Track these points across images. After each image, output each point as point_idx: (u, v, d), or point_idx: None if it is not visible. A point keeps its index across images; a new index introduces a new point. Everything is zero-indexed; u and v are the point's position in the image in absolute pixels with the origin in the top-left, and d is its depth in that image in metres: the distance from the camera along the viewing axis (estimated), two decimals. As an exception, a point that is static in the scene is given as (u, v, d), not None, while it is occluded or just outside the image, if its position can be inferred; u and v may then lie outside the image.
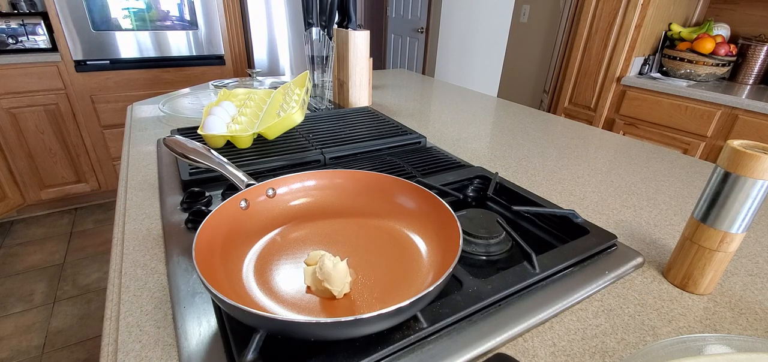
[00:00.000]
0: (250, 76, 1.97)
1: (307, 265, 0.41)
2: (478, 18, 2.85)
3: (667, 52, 1.98)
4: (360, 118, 0.99)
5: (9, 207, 2.08)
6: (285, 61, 2.59)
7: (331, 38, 1.18)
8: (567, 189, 0.72)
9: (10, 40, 1.96)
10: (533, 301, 0.42)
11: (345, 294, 0.39)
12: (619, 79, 2.00)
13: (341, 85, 1.19)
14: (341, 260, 0.39)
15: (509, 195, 0.63)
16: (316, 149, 0.76)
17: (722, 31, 1.97)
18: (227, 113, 0.82)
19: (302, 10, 1.16)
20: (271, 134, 0.78)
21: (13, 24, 1.95)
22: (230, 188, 0.61)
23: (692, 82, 1.88)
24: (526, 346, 0.39)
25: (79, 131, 2.18)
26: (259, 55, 2.50)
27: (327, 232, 0.48)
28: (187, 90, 1.32)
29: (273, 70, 2.57)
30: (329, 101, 1.24)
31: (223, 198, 0.59)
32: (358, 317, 0.29)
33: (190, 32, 2.25)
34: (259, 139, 0.80)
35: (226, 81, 1.34)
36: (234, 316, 0.33)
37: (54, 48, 2.02)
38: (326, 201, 0.52)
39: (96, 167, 2.30)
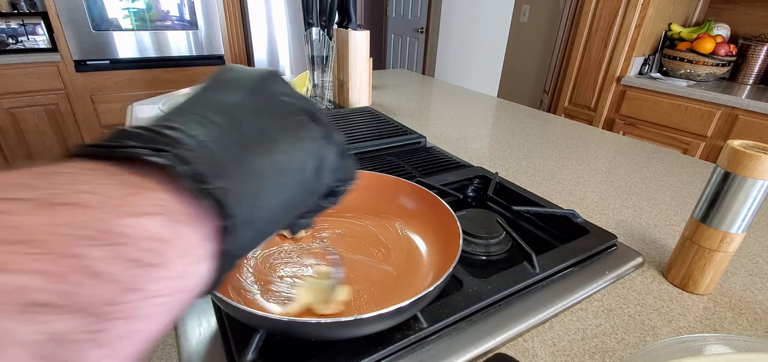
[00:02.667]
0: (250, 76, 1.97)
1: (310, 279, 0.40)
2: (478, 18, 2.85)
3: (667, 52, 1.98)
4: (360, 118, 0.99)
5: (9, 207, 2.09)
6: (285, 61, 2.59)
7: (331, 38, 1.18)
8: (567, 189, 0.72)
9: (10, 40, 1.96)
10: (533, 301, 0.42)
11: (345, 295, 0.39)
12: (619, 79, 2.00)
13: (341, 85, 1.19)
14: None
15: (509, 195, 0.63)
16: (316, 149, 0.76)
17: (722, 31, 1.97)
18: (227, 113, 0.81)
19: (302, 10, 1.16)
20: (271, 134, 0.78)
21: (13, 24, 1.95)
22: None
23: (692, 82, 1.88)
24: (526, 346, 0.39)
25: (79, 131, 2.18)
26: (259, 55, 2.50)
27: (327, 232, 0.48)
28: (187, 90, 1.32)
29: (273, 70, 2.57)
30: (329, 101, 1.24)
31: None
32: (358, 317, 0.29)
33: (190, 32, 2.25)
34: (259, 139, 0.80)
35: (226, 81, 1.34)
36: (234, 316, 0.33)
37: (54, 48, 2.02)
38: (326, 201, 0.52)
39: (96, 167, 2.30)
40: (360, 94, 1.17)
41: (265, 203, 0.17)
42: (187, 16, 2.21)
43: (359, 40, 1.10)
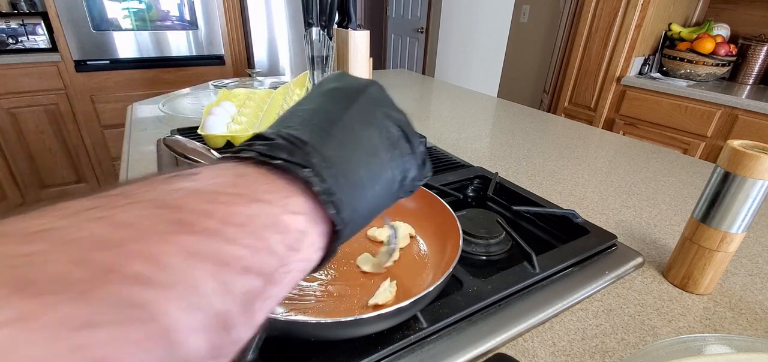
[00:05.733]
0: (250, 76, 1.97)
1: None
2: (478, 18, 2.85)
3: (667, 52, 1.98)
4: (360, 118, 0.99)
5: (9, 207, 2.09)
6: (285, 61, 2.59)
7: (331, 38, 1.18)
8: (567, 189, 0.72)
9: (10, 40, 1.96)
10: (533, 301, 0.42)
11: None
12: (619, 79, 2.00)
13: (341, 85, 1.19)
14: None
15: (509, 195, 0.63)
16: (316, 149, 0.76)
17: (722, 31, 1.97)
18: (227, 113, 0.82)
19: (302, 10, 1.16)
20: (271, 134, 0.78)
21: (13, 24, 1.95)
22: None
23: (692, 82, 1.88)
24: (526, 346, 0.39)
25: (79, 131, 2.18)
26: (259, 55, 2.50)
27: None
28: (187, 90, 1.32)
29: (273, 70, 2.57)
30: (329, 101, 1.24)
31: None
32: (358, 317, 0.29)
33: (190, 32, 2.25)
34: (259, 139, 0.80)
35: (226, 81, 1.34)
36: (234, 316, 0.33)
37: (54, 48, 2.02)
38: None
39: (96, 167, 2.30)
40: (360, 94, 1.16)
41: (362, 209, 0.21)
42: (187, 16, 2.21)
43: (359, 40, 1.10)
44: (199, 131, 0.74)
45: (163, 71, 2.26)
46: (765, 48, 1.84)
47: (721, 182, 0.42)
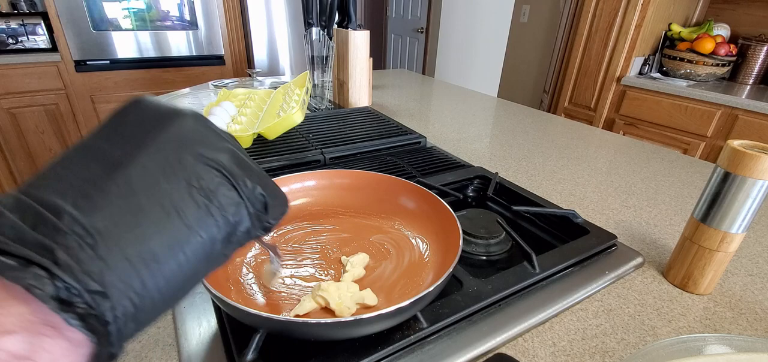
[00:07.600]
0: (250, 76, 1.97)
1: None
2: (478, 18, 2.85)
3: (667, 52, 1.98)
4: (360, 118, 0.99)
5: (9, 207, 2.08)
6: (285, 61, 2.59)
7: (331, 38, 1.18)
8: (567, 189, 0.72)
9: (10, 40, 1.96)
10: (533, 301, 0.42)
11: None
12: (619, 79, 2.00)
13: (341, 85, 1.19)
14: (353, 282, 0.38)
15: (509, 195, 0.63)
16: (316, 149, 0.76)
17: (722, 31, 1.97)
18: (227, 113, 0.82)
19: (302, 10, 1.16)
20: (271, 134, 0.78)
21: (13, 24, 1.95)
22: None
23: (692, 82, 1.88)
24: (526, 346, 0.39)
25: (79, 131, 2.18)
26: (259, 55, 2.50)
27: (327, 233, 0.48)
28: (187, 90, 1.32)
29: (273, 70, 2.57)
30: (329, 101, 1.24)
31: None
32: (358, 317, 0.29)
33: (190, 32, 2.25)
34: (259, 139, 0.80)
35: (226, 81, 1.34)
36: (234, 316, 0.33)
37: (54, 48, 2.02)
38: (326, 201, 0.52)
39: (96, 167, 2.30)
40: (360, 94, 1.17)
41: (157, 287, 0.16)
42: (187, 16, 2.21)
43: (359, 40, 1.10)
44: (199, 131, 0.74)
45: (163, 71, 2.26)
46: (765, 48, 1.84)
47: (721, 182, 0.42)
